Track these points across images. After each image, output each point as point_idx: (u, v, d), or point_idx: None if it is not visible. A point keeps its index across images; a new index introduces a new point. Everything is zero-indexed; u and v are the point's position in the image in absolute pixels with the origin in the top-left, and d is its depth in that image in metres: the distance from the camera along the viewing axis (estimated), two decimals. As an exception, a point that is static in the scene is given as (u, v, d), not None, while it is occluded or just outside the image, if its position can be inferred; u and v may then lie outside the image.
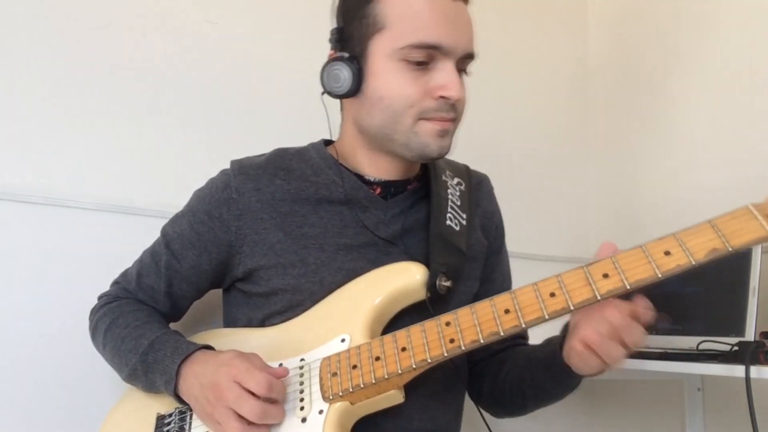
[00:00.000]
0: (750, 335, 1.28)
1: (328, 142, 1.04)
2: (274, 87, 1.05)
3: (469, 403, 1.06)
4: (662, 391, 1.75)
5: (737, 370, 1.04)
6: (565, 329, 0.84)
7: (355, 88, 0.90)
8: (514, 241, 1.11)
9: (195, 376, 0.83)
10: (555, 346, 0.86)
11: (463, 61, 0.90)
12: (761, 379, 1.03)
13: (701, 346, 1.29)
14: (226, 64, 1.45)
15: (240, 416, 0.78)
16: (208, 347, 0.89)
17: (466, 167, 1.09)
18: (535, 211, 1.90)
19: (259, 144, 1.11)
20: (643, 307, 0.77)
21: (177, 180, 1.08)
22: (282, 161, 0.99)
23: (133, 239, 1.09)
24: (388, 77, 0.88)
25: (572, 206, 1.99)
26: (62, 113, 1.27)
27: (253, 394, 0.78)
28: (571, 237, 1.96)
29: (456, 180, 1.03)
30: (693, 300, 1.43)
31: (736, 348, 1.10)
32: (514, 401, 0.97)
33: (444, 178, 1.01)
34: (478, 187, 1.06)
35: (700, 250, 0.72)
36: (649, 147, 1.86)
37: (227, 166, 1.01)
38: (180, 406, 0.89)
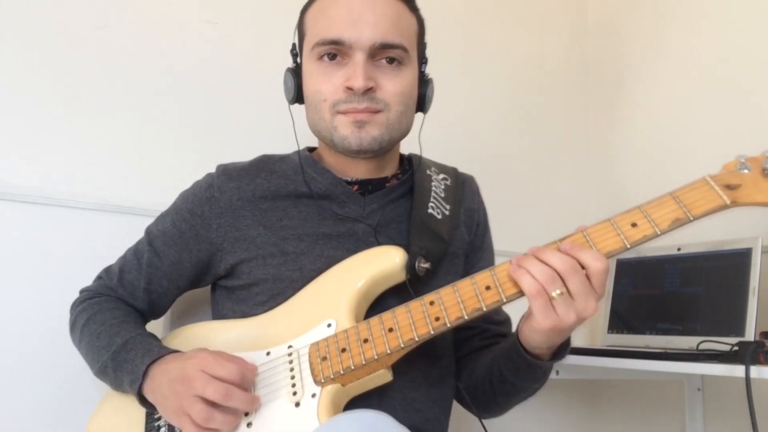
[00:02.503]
0: (750, 335, 1.28)
1: (313, 150, 1.07)
2: (275, 87, 1.06)
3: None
4: (662, 391, 1.75)
5: (737, 370, 1.04)
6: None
7: (297, 93, 0.98)
8: (506, 241, 1.11)
9: (164, 373, 0.85)
10: (514, 335, 0.88)
11: (380, 52, 0.91)
12: (761, 379, 1.03)
13: (701, 346, 1.29)
14: (226, 64, 1.45)
15: (206, 401, 0.79)
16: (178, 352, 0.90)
17: (455, 169, 1.11)
18: (529, 209, 1.90)
19: (259, 144, 1.12)
20: (592, 257, 0.76)
21: (177, 180, 1.08)
22: (265, 165, 1.03)
23: (133, 239, 1.09)
24: (309, 77, 0.95)
25: (567, 204, 2.00)
26: (62, 113, 1.27)
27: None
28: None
29: (442, 175, 1.06)
30: (693, 300, 1.43)
31: (736, 348, 1.09)
32: (487, 397, 0.97)
33: (429, 172, 1.05)
34: (462, 185, 1.08)
35: (664, 220, 0.78)
36: (634, 142, 1.87)
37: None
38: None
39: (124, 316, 0.98)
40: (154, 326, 1.12)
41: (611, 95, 2.01)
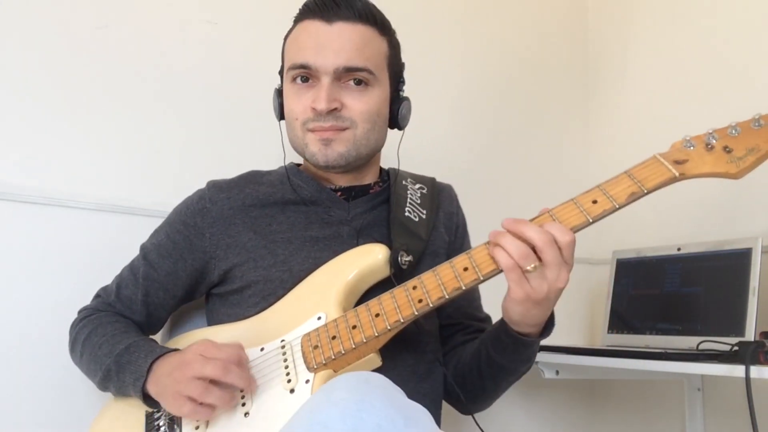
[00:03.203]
0: (750, 335, 1.28)
1: (299, 165, 1.12)
2: (274, 87, 1.07)
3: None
4: (662, 391, 1.75)
5: (737, 370, 1.04)
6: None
7: (281, 111, 1.05)
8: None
9: (166, 366, 0.89)
10: (501, 320, 0.93)
11: (346, 75, 0.97)
12: (761, 379, 1.03)
13: (701, 346, 1.29)
14: (226, 64, 1.45)
15: (203, 380, 0.83)
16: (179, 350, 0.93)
17: (433, 178, 1.17)
18: (528, 209, 1.89)
19: (259, 144, 1.12)
20: (559, 230, 0.82)
21: (177, 180, 1.09)
22: (253, 177, 1.09)
23: (133, 239, 1.09)
24: (286, 98, 1.03)
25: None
26: (62, 113, 1.27)
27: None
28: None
29: (418, 185, 1.12)
30: (693, 300, 1.43)
31: (736, 348, 1.09)
32: (474, 384, 1.01)
33: (404, 183, 1.11)
34: (440, 193, 1.14)
35: (621, 195, 0.85)
36: (635, 143, 1.87)
37: (227, 165, 1.12)
38: (149, 409, 0.92)
39: (125, 328, 1.01)
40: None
41: (611, 95, 2.01)
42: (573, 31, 2.08)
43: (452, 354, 1.07)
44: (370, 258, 0.95)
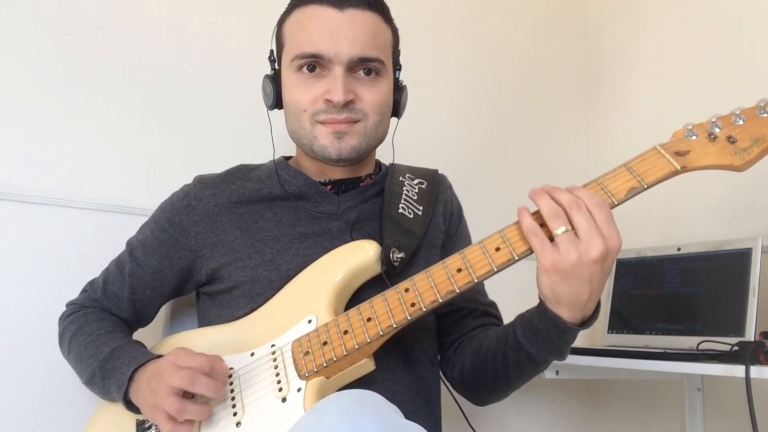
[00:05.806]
0: (750, 335, 1.28)
1: (289, 158, 1.10)
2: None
3: (454, 406, 1.06)
4: (662, 391, 1.75)
5: (737, 370, 1.04)
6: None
7: (276, 100, 1.01)
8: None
9: (144, 374, 0.87)
10: (537, 305, 0.85)
11: (358, 65, 0.95)
12: (761, 379, 1.03)
13: (701, 346, 1.29)
14: (226, 64, 1.45)
15: (179, 394, 0.82)
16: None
17: (435, 171, 1.14)
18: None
19: (260, 144, 1.12)
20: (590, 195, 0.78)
21: (177, 180, 1.08)
22: (240, 172, 1.06)
23: (133, 239, 1.09)
24: (289, 86, 0.98)
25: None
26: (62, 113, 1.27)
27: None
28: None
29: (417, 180, 1.09)
30: (693, 300, 1.43)
31: (736, 348, 1.09)
32: (496, 372, 0.94)
33: (401, 178, 1.07)
34: (438, 184, 1.11)
35: (620, 190, 0.81)
36: (635, 142, 1.87)
37: (227, 165, 1.09)
38: (140, 416, 0.91)
39: (111, 327, 1.00)
40: (152, 332, 1.13)
41: (612, 91, 2.01)
42: (574, 27, 2.08)
43: (468, 339, 1.02)
44: (360, 255, 0.92)
